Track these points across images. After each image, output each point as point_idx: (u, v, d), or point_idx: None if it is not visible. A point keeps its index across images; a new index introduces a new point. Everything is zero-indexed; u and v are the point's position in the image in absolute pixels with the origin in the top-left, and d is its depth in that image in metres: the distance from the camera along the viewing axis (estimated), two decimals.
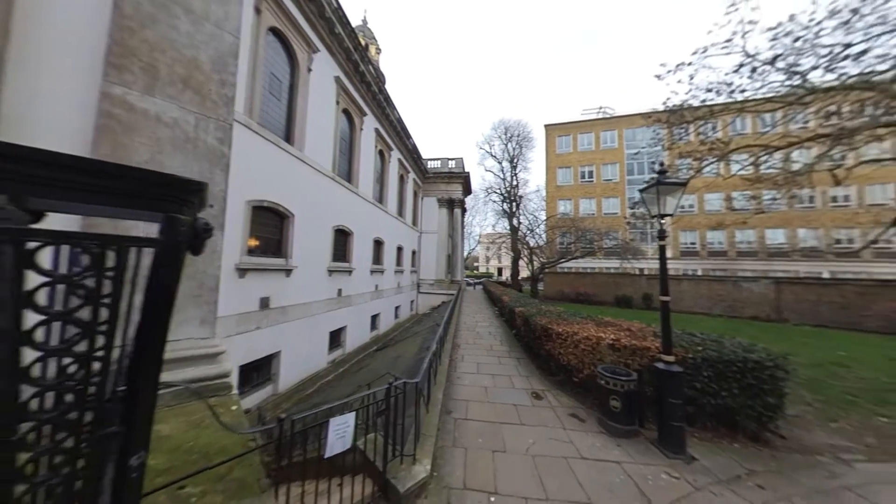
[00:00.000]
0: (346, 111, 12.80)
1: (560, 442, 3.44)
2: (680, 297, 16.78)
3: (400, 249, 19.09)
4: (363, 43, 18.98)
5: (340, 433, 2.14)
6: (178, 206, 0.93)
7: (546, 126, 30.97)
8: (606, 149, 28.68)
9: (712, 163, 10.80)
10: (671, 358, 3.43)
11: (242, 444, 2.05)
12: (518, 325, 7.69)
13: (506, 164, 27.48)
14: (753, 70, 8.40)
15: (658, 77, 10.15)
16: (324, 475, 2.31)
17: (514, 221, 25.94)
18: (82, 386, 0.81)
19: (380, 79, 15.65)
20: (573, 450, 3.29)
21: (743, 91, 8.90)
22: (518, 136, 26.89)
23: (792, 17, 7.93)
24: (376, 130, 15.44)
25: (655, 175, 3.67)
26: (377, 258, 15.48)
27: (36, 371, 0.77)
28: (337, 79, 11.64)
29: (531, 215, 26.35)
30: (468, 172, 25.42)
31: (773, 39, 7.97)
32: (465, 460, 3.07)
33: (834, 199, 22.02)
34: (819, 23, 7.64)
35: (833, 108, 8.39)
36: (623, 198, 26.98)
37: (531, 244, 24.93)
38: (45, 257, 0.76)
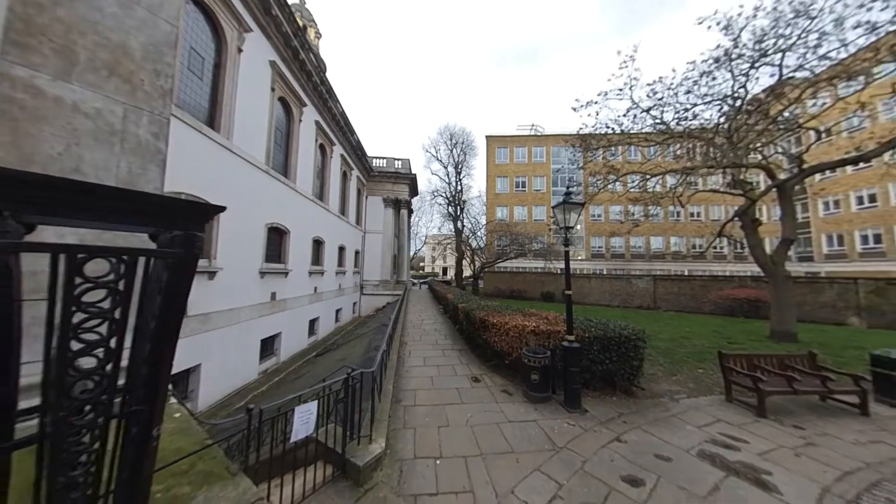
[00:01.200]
0: (282, 100, 11.87)
1: (493, 412, 4.16)
2: (589, 292, 20.21)
3: (342, 249, 18.34)
4: (301, 24, 17.59)
5: (304, 419, 2.36)
6: (199, 224, 1.19)
7: (487, 137, 33.36)
8: (537, 162, 32.44)
9: (613, 182, 13.57)
10: (572, 337, 4.48)
11: (199, 443, 2.10)
12: (460, 319, 8.44)
13: (451, 170, 28.69)
14: (635, 116, 10.93)
15: (574, 109, 12.30)
16: (287, 469, 2.48)
17: (459, 224, 27.28)
18: (113, 376, 1.02)
19: (321, 67, 14.82)
20: (503, 417, 4.04)
21: (630, 129, 11.53)
22: (462, 143, 28.40)
23: (660, 79, 10.61)
24: (317, 123, 14.60)
25: (564, 195, 4.74)
26: (317, 259, 14.65)
27: (82, 363, 0.97)
28: (273, 63, 10.75)
29: (473, 219, 28.13)
30: (415, 174, 25.74)
31: (649, 95, 10.51)
32: (415, 437, 3.52)
33: (692, 214, 29.27)
34: (675, 87, 10.40)
35: (687, 147, 11.55)
36: (548, 207, 30.93)
37: (473, 246, 26.58)
38: (89, 268, 0.97)
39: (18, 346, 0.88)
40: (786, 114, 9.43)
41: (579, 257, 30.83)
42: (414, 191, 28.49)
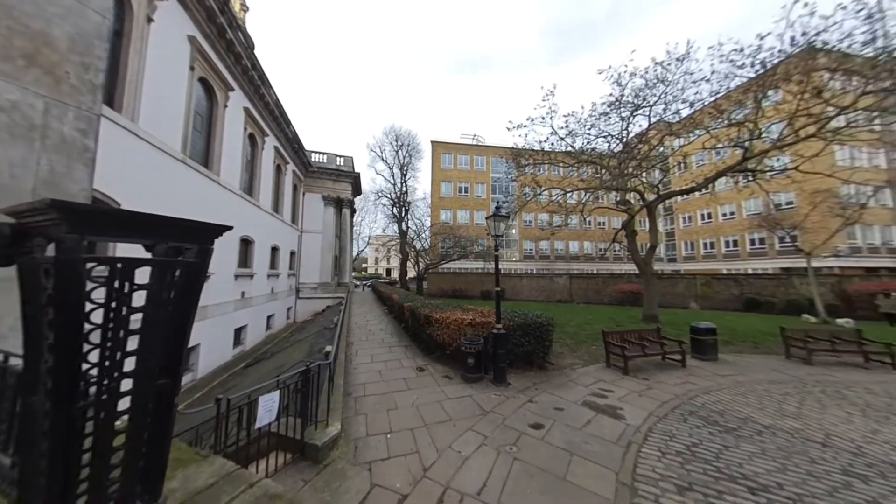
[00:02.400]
0: (204, 81, 10.58)
1: (435, 394, 4.85)
2: (521, 290, 22.81)
3: (275, 250, 16.87)
4: None
5: (268, 407, 2.65)
6: (210, 240, 1.56)
7: (433, 142, 34.39)
8: (478, 170, 34.85)
9: (538, 194, 15.80)
10: (500, 326, 5.49)
11: None
12: (406, 318, 8.96)
13: (396, 171, 28.75)
14: (553, 142, 13.09)
15: (508, 129, 13.99)
16: (248, 461, 2.69)
17: (403, 226, 27.52)
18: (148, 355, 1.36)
19: (249, 46, 13.45)
20: (444, 396, 4.76)
21: (551, 149, 13.75)
22: (408, 145, 28.74)
23: (573, 113, 12.94)
24: (246, 110, 13.29)
25: (494, 209, 5.75)
26: (245, 260, 13.30)
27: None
28: (192, 39, 9.57)
29: (418, 221, 28.71)
30: (358, 173, 25.04)
31: (562, 127, 12.69)
32: (367, 420, 3.96)
33: (599, 223, 35.31)
34: (583, 121, 12.79)
35: (591, 171, 14.27)
36: (488, 212, 33.66)
37: (418, 247, 27.17)
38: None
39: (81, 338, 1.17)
40: (661, 149, 12.63)
41: (513, 259, 34.21)
42: (357, 190, 27.64)
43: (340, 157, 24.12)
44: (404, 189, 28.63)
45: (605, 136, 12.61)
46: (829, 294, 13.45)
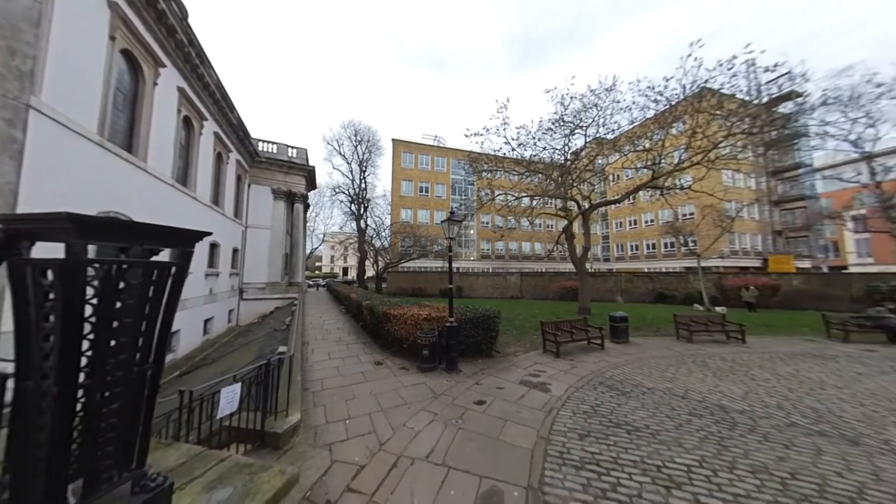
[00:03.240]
0: (127, 53, 9.35)
1: (392, 383, 5.25)
2: (477, 287, 24.07)
3: (214, 246, 15.38)
4: None
5: (229, 398, 2.81)
6: (191, 244, 1.82)
7: (394, 140, 34.08)
8: (439, 171, 35.52)
9: (494, 198, 16.95)
10: (453, 319, 6.09)
11: None
12: (365, 316, 9.11)
13: (355, 167, 27.93)
14: (506, 152, 14.24)
15: (466, 136, 14.76)
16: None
17: (362, 224, 26.92)
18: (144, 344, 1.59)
19: (184, 17, 12.04)
20: (400, 384, 5.19)
21: (505, 158, 14.92)
22: (368, 141, 28.11)
23: (524, 126, 14.21)
24: (181, 91, 11.95)
25: (449, 214, 6.33)
26: None
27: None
28: (113, 4, 8.43)
29: (378, 219, 28.35)
30: (313, 166, 23.78)
31: (514, 138, 13.88)
32: (325, 411, 4.21)
33: (548, 226, 38.61)
34: (533, 134, 14.14)
35: (539, 179, 15.80)
36: (448, 210, 34.59)
37: (377, 246, 26.83)
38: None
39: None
40: (600, 162, 14.54)
41: (471, 258, 35.66)
42: (312, 184, 26.20)
43: (293, 148, 22.66)
44: (363, 186, 27.99)
45: (550, 150, 14.15)
46: (713, 288, 16.97)
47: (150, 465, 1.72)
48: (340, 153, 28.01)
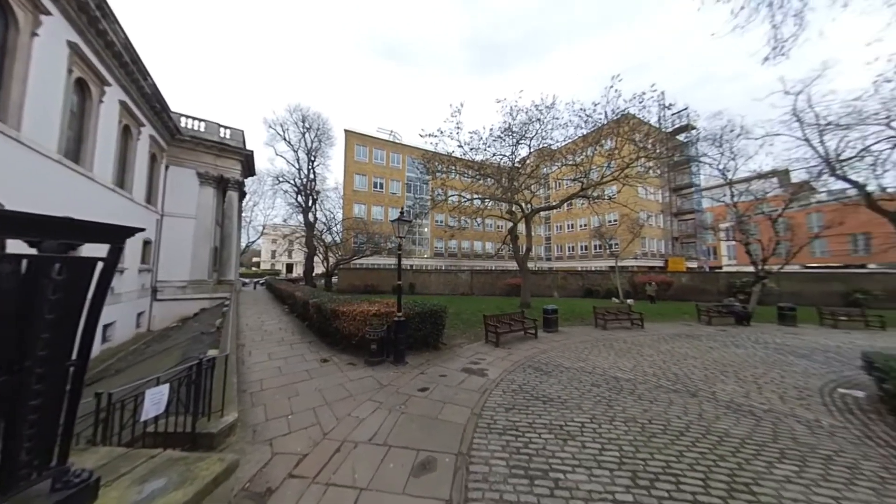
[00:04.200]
0: None
1: (339, 378, 5.33)
2: (430, 284, 24.57)
3: None
4: None
5: (156, 400, 2.70)
6: (122, 241, 1.83)
7: (347, 131, 32.46)
8: (394, 168, 34.99)
9: (448, 197, 17.52)
10: (401, 314, 6.37)
11: None
12: (311, 315, 8.80)
13: (302, 155, 25.95)
14: (458, 155, 14.89)
15: (421, 136, 15.01)
16: None
17: (311, 217, 25.22)
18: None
19: None
20: (346, 379, 5.30)
21: (459, 159, 15.57)
22: (318, 129, 26.31)
23: (476, 132, 15.01)
24: (72, 45, 9.86)
25: (399, 214, 6.58)
26: None
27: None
28: None
29: (328, 212, 26.79)
30: (251, 150, 21.44)
31: (466, 143, 14.59)
32: (266, 409, 4.16)
33: (498, 226, 40.98)
34: (484, 140, 14.99)
35: (489, 183, 16.83)
36: (401, 209, 34.41)
37: (328, 241, 25.44)
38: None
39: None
40: (544, 170, 16.03)
41: (425, 255, 36.05)
42: (250, 170, 23.59)
43: (226, 128, 20.13)
44: (312, 176, 26.20)
45: (499, 156, 15.23)
46: (627, 283, 20.21)
47: (72, 461, 1.70)
48: (285, 139, 25.74)
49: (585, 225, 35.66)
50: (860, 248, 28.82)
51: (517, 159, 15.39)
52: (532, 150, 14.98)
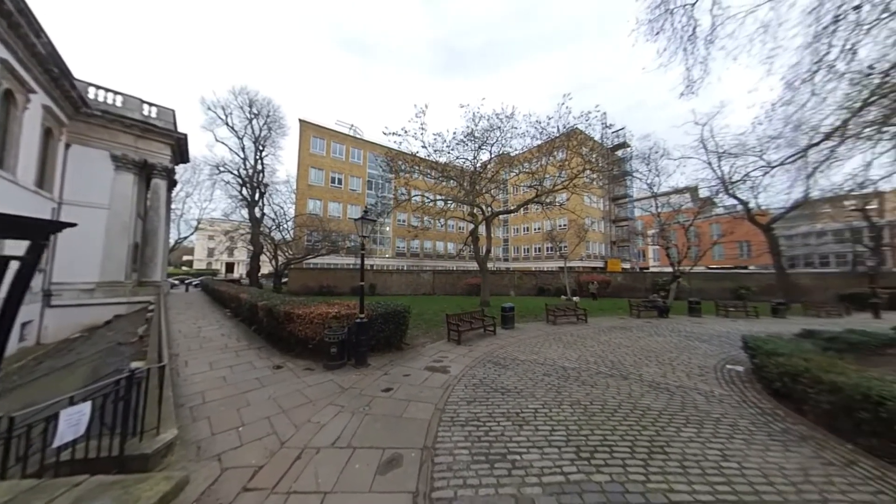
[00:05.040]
0: None
1: (296, 384, 5.05)
2: (392, 284, 24.17)
3: None
4: None
5: (73, 422, 2.33)
6: (45, 237, 1.62)
7: (302, 121, 30.23)
8: (354, 163, 33.59)
9: (411, 197, 17.44)
10: (363, 315, 6.25)
11: None
12: (260, 318, 8.09)
13: (248, 144, 23.49)
14: (422, 157, 14.98)
15: (384, 134, 14.74)
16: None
17: (257, 212, 22.97)
18: None
19: None
20: (304, 385, 5.04)
21: (423, 159, 15.63)
22: (268, 116, 24.04)
23: (440, 134, 15.21)
24: None
25: (363, 212, 6.44)
26: None
27: None
28: None
29: (278, 207, 24.65)
30: (184, 134, 18.76)
31: (430, 144, 14.75)
32: (211, 423, 3.78)
33: (459, 227, 41.89)
34: (448, 143, 15.25)
35: (452, 185, 17.17)
36: (363, 207, 33.18)
37: (277, 239, 23.43)
38: None
39: None
40: (503, 175, 16.79)
41: (386, 255, 35.30)
42: (182, 156, 20.62)
43: (152, 105, 17.34)
44: (260, 168, 23.89)
45: (462, 160, 15.65)
46: (574, 283, 22.33)
47: None
48: (228, 124, 23.04)
49: (539, 228, 38.33)
50: (744, 253, 35.76)
51: (479, 164, 15.98)
52: (493, 155, 15.71)
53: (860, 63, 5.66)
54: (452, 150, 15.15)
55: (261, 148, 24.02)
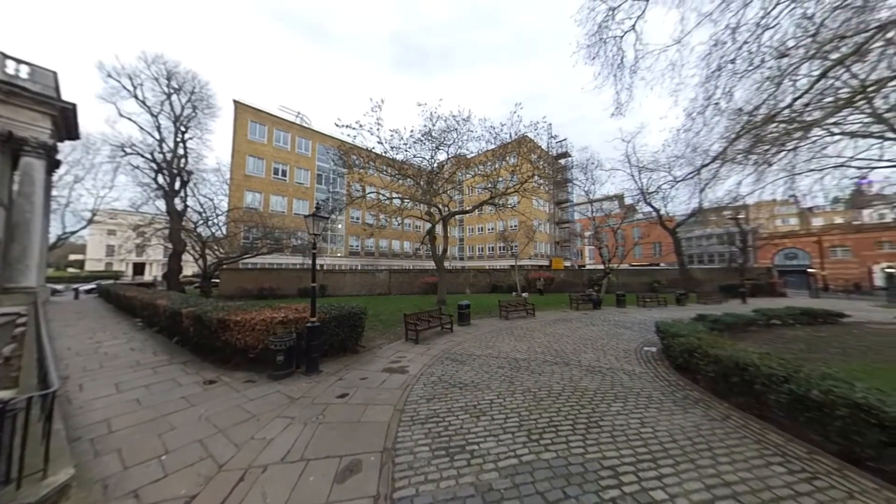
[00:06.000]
0: None
1: (235, 400, 4.50)
2: (345, 285, 22.97)
3: None
4: None
5: None
6: None
7: (237, 103, 26.69)
8: (301, 154, 30.91)
9: (367, 194, 16.78)
10: (314, 319, 5.85)
11: None
12: (185, 327, 6.99)
13: (166, 123, 19.93)
14: (379, 153, 14.55)
15: (337, 126, 13.93)
16: None
17: (178, 204, 19.67)
18: None
19: None
20: (246, 399, 4.53)
21: (379, 155, 15.16)
22: (192, 93, 20.64)
23: (397, 131, 14.93)
24: None
25: (315, 208, 6.02)
26: None
27: None
28: None
29: (205, 199, 21.37)
30: (72, 104, 15.11)
31: (387, 140, 14.40)
32: (122, 455, 3.17)
33: (415, 226, 41.64)
34: (405, 140, 15.04)
35: (410, 183, 16.98)
36: (312, 202, 30.74)
37: (205, 235, 20.40)
38: None
39: None
40: (459, 176, 17.10)
41: (339, 255, 33.36)
42: (69, 132, 16.56)
43: (22, 62, 13.58)
44: (182, 152, 20.48)
45: (419, 159, 15.59)
46: (524, 280, 24.01)
47: None
48: (138, 97, 19.21)
49: (493, 229, 40.19)
50: (657, 252, 42.50)
51: (436, 163, 16.11)
52: (450, 156, 15.99)
53: (735, 104, 7.22)
54: (410, 148, 15.01)
55: (183, 129, 20.52)
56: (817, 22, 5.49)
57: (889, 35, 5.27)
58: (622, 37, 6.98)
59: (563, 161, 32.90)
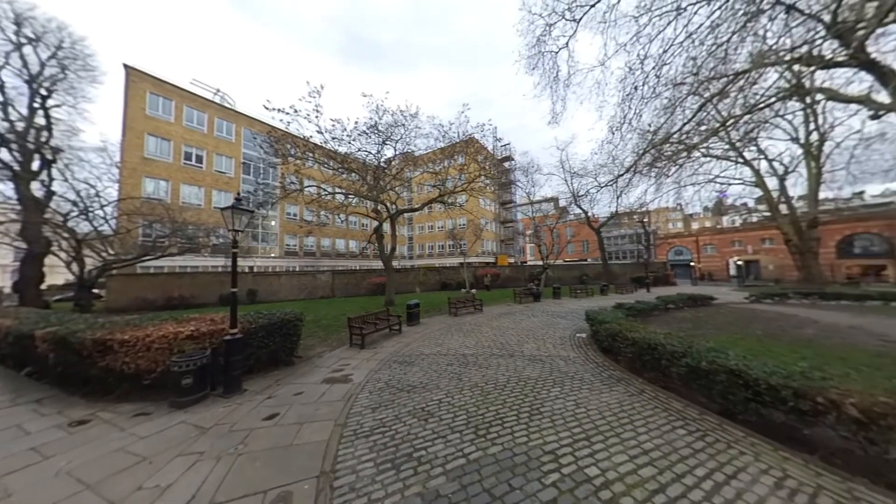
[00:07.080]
0: None
1: (115, 442, 3.52)
2: (280, 289, 20.57)
3: None
4: None
5: None
6: None
7: (129, 68, 21.49)
8: (222, 138, 26.56)
9: (305, 188, 15.23)
10: (235, 330, 4.99)
11: None
12: (43, 353, 5.28)
13: (16, 82, 14.96)
14: (317, 143, 13.36)
15: (266, 109, 12.32)
16: None
17: (38, 190, 15.03)
18: None
19: None
20: (133, 439, 3.58)
21: (318, 146, 13.86)
22: (59, 48, 15.87)
23: (340, 121, 13.85)
24: None
25: (235, 200, 5.11)
26: None
27: None
28: None
29: (87, 186, 16.73)
30: None
31: (328, 130, 13.31)
32: None
33: (363, 224, 39.62)
34: (349, 132, 14.05)
35: (354, 178, 15.94)
36: (237, 193, 26.74)
37: (83, 233, 16.02)
38: None
39: None
40: (407, 173, 16.60)
41: (272, 255, 29.76)
42: None
43: None
44: (44, 123, 15.70)
45: (365, 153, 14.75)
46: (472, 276, 24.83)
47: None
48: None
49: (442, 227, 40.62)
50: (585, 249, 48.31)
51: (383, 159, 15.46)
52: (397, 152, 15.49)
53: (643, 124, 8.50)
54: (354, 140, 14.06)
55: (44, 93, 15.65)
56: (698, 63, 6.76)
57: (739, 83, 6.80)
58: (557, 52, 7.59)
59: (507, 164, 34.94)
